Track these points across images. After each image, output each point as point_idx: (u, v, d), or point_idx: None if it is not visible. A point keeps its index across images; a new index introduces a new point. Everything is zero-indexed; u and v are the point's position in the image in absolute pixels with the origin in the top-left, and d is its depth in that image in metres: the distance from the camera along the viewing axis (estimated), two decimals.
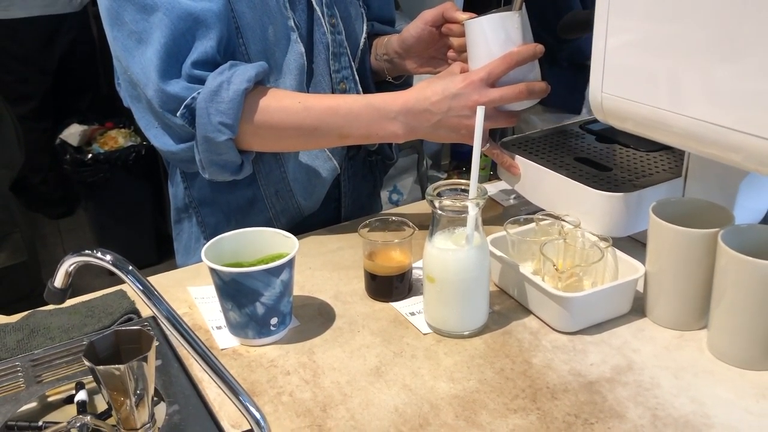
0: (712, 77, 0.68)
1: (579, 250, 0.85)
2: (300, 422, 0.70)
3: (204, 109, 0.88)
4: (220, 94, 0.88)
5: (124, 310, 0.84)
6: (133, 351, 0.56)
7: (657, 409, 0.69)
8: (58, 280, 0.54)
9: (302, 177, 1.04)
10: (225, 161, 0.93)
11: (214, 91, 0.88)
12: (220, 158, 0.92)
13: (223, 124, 0.88)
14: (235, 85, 0.88)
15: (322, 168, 1.04)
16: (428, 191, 0.80)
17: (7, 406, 0.70)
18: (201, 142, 0.90)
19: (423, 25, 1.03)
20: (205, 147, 0.91)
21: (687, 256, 0.77)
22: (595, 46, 0.78)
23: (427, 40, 1.04)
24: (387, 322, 0.85)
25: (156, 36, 0.87)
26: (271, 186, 1.04)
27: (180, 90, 0.89)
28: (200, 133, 0.89)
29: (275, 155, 1.02)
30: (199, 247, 1.06)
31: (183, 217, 1.10)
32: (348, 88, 1.05)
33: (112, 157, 2.72)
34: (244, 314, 0.78)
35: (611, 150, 1.01)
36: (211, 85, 0.88)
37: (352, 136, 0.94)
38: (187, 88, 0.89)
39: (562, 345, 0.79)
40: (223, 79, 0.88)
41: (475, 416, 0.69)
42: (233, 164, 0.94)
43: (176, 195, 1.10)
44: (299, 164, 1.03)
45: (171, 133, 0.94)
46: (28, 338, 0.81)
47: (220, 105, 0.88)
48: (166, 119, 0.91)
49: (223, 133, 0.89)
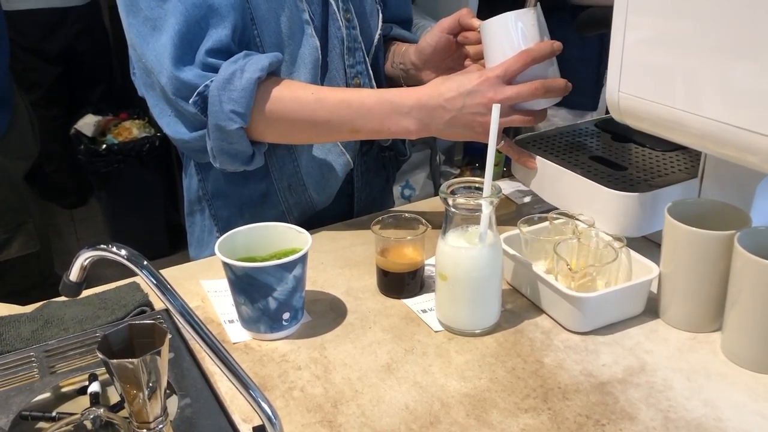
0: (730, 78, 0.67)
1: (593, 250, 0.84)
2: (311, 417, 0.70)
3: (216, 97, 0.88)
4: (232, 83, 0.88)
5: (138, 302, 0.85)
6: (147, 345, 0.56)
7: (669, 411, 0.69)
8: (73, 274, 0.54)
9: (315, 171, 1.04)
10: (236, 151, 0.93)
11: (227, 79, 0.88)
12: (231, 147, 0.92)
13: (234, 112, 0.88)
14: (248, 74, 0.88)
15: (336, 163, 1.04)
16: (442, 189, 0.79)
17: (21, 395, 0.70)
18: (212, 130, 0.90)
19: (440, 34, 1.02)
20: (216, 135, 0.90)
21: (702, 257, 0.76)
22: (612, 46, 0.78)
23: (444, 49, 1.03)
24: (398, 319, 0.85)
25: (170, 23, 0.87)
26: (284, 180, 1.04)
27: (193, 77, 0.89)
28: (212, 121, 0.89)
29: (288, 149, 1.02)
30: (212, 240, 1.07)
31: (196, 210, 1.11)
32: (362, 83, 1.05)
33: (125, 147, 2.73)
34: (256, 309, 0.79)
35: (627, 149, 1.00)
36: (224, 73, 0.88)
37: (364, 130, 0.93)
38: (201, 75, 0.89)
39: (574, 345, 0.79)
40: (237, 67, 0.88)
41: (485, 415, 0.69)
42: (244, 154, 0.94)
43: (190, 187, 1.10)
44: (312, 158, 1.03)
45: (184, 121, 0.94)
46: (42, 329, 0.81)
47: (232, 93, 0.87)
48: (179, 107, 0.91)
49: (235, 121, 0.89)
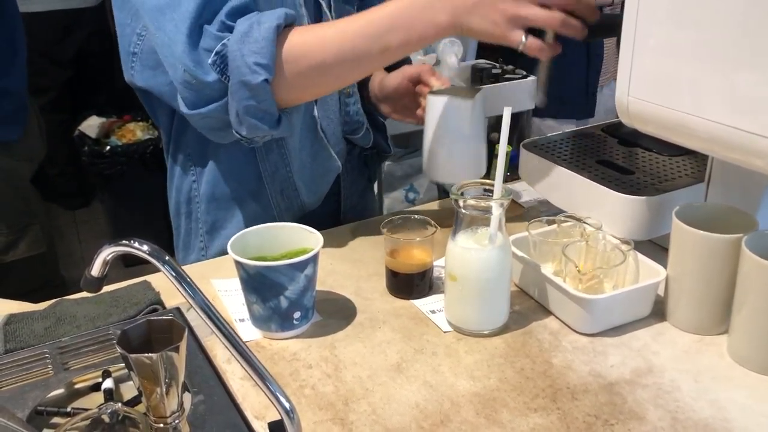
0: (737, 82, 0.68)
1: (600, 253, 0.85)
2: (322, 415, 0.70)
3: (237, 52, 0.83)
4: (251, 35, 0.83)
5: (149, 300, 0.86)
6: (164, 340, 0.57)
7: (677, 412, 0.70)
8: (95, 269, 0.55)
9: (307, 176, 1.05)
10: (263, 111, 0.86)
11: (245, 32, 0.83)
12: (258, 107, 0.86)
13: (258, 64, 0.83)
14: (266, 24, 0.83)
15: (326, 167, 1.06)
16: (453, 190, 0.80)
17: (36, 391, 0.71)
18: (236, 90, 0.85)
19: (401, 79, 1.07)
20: (240, 94, 0.85)
21: (710, 260, 0.77)
22: (622, 51, 0.79)
23: (403, 92, 1.08)
24: (407, 319, 0.85)
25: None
26: (276, 184, 1.04)
27: (210, 41, 0.84)
28: (235, 79, 0.84)
29: (281, 155, 1.02)
30: (196, 244, 1.07)
31: (182, 212, 1.09)
32: (352, 92, 1.08)
33: (129, 149, 2.74)
34: (267, 307, 0.79)
35: (633, 153, 1.01)
36: (240, 28, 0.84)
37: (394, 43, 0.85)
38: (216, 37, 0.84)
39: (582, 346, 0.80)
40: (253, 20, 0.84)
41: (495, 414, 0.70)
42: (271, 116, 0.88)
43: (180, 187, 1.07)
44: (304, 164, 1.04)
45: (199, 95, 0.88)
46: (55, 326, 0.82)
47: (253, 45, 0.82)
48: (196, 78, 0.85)
49: (259, 73, 0.83)
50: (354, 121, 1.10)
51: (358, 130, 1.12)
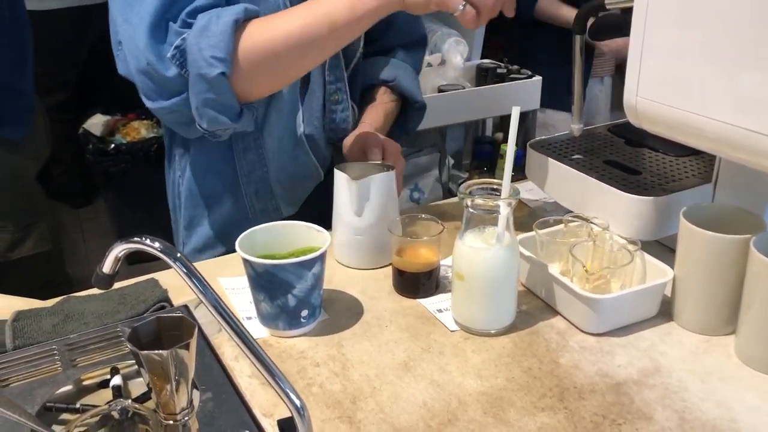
0: (745, 82, 0.68)
1: (608, 253, 0.85)
2: (330, 413, 0.71)
3: (194, 45, 0.84)
4: (209, 29, 0.84)
5: (157, 298, 0.86)
6: (174, 338, 0.57)
7: (684, 412, 0.70)
8: (106, 266, 0.55)
9: (285, 179, 1.04)
10: (222, 104, 0.87)
11: (204, 26, 0.85)
12: (217, 99, 0.86)
13: (214, 57, 0.84)
14: (224, 18, 0.85)
15: (306, 172, 1.05)
16: (461, 189, 0.80)
17: (45, 388, 0.71)
18: (195, 83, 0.86)
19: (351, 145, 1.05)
20: (199, 87, 0.86)
21: (717, 261, 0.77)
22: (631, 51, 0.79)
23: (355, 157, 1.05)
24: (414, 318, 0.86)
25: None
26: (251, 185, 1.04)
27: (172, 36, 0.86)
28: (193, 72, 0.85)
29: (259, 154, 1.02)
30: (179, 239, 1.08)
31: (177, 205, 1.11)
32: (340, 99, 1.07)
33: (133, 148, 2.75)
34: (275, 305, 0.80)
35: (640, 154, 1.01)
36: (200, 22, 0.85)
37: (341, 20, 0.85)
38: (177, 32, 0.86)
39: (589, 346, 0.80)
40: (212, 14, 0.85)
41: (503, 413, 0.70)
42: (231, 109, 0.88)
43: (174, 182, 1.10)
44: (282, 167, 1.04)
45: (161, 89, 0.89)
46: (63, 323, 0.82)
47: (210, 39, 0.84)
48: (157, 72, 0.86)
49: (216, 66, 0.84)
50: (340, 129, 1.09)
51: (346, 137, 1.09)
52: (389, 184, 0.94)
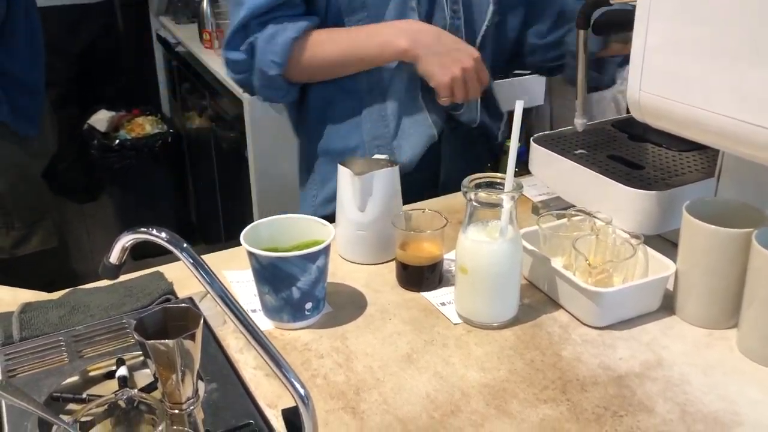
0: (748, 77, 0.68)
1: (610, 246, 0.85)
2: (334, 404, 0.71)
3: (261, 48, 1.10)
4: (275, 38, 1.09)
5: (162, 290, 0.87)
6: (180, 328, 0.57)
7: (686, 404, 0.70)
8: (113, 256, 0.56)
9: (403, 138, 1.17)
10: (274, 89, 1.15)
11: (272, 35, 1.09)
12: (270, 86, 1.14)
13: (274, 62, 1.10)
14: (287, 34, 1.09)
15: (422, 132, 1.16)
16: (464, 183, 0.81)
17: (51, 378, 0.72)
18: (256, 72, 1.12)
19: None
20: (258, 76, 1.13)
21: (720, 255, 0.77)
22: (634, 46, 0.79)
23: None
24: (418, 311, 0.86)
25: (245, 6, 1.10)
26: (374, 141, 1.17)
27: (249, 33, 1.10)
28: (257, 66, 1.12)
29: (383, 119, 1.16)
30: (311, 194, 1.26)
31: (303, 168, 1.28)
32: None
33: (138, 143, 2.76)
34: (280, 298, 0.80)
35: (643, 149, 1.01)
36: (269, 30, 1.10)
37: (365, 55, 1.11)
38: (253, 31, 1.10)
39: (592, 339, 0.80)
40: (279, 27, 1.09)
41: (505, 405, 0.71)
42: (281, 91, 1.15)
43: (302, 146, 1.28)
44: (402, 128, 1.16)
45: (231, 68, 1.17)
46: (70, 315, 0.83)
47: (274, 47, 1.09)
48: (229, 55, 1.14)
49: (273, 69, 1.10)
50: None
51: (459, 107, 1.18)
52: (393, 179, 0.94)
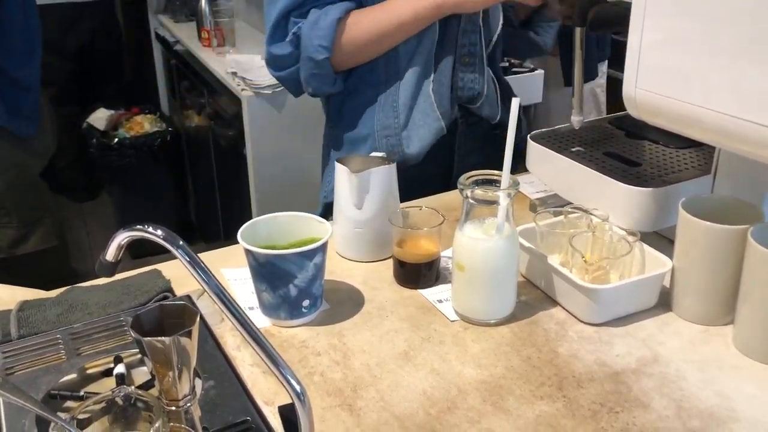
0: (744, 75, 0.68)
1: (607, 243, 0.86)
2: (331, 401, 0.71)
3: (307, 35, 1.10)
4: (318, 23, 1.10)
5: (160, 288, 0.87)
6: (177, 325, 0.57)
7: (682, 400, 0.71)
8: (110, 254, 0.56)
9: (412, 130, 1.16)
10: (323, 76, 1.14)
11: (314, 21, 1.10)
12: (319, 74, 1.13)
13: (321, 45, 1.10)
14: (330, 16, 1.09)
15: (431, 125, 1.16)
16: (461, 180, 0.81)
17: (49, 376, 0.72)
18: (305, 62, 1.12)
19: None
20: (307, 65, 1.13)
21: (716, 252, 0.78)
22: (630, 44, 0.79)
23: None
24: (415, 309, 0.86)
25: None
26: (383, 131, 1.17)
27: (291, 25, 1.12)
28: (304, 54, 1.12)
29: (393, 107, 1.16)
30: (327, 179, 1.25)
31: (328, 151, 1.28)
32: (471, 62, 1.17)
33: (137, 142, 2.76)
34: (277, 296, 0.80)
35: (640, 146, 1.01)
36: (311, 17, 1.11)
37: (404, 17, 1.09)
38: (295, 22, 1.12)
39: (588, 336, 0.81)
40: (321, 12, 1.10)
41: (502, 401, 0.71)
42: (329, 79, 1.15)
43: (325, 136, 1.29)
44: (412, 120, 1.16)
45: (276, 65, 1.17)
46: (68, 312, 0.83)
47: (318, 32, 1.09)
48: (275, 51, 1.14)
49: (321, 52, 1.10)
50: (468, 88, 1.19)
51: (475, 100, 1.19)
52: (390, 176, 0.94)
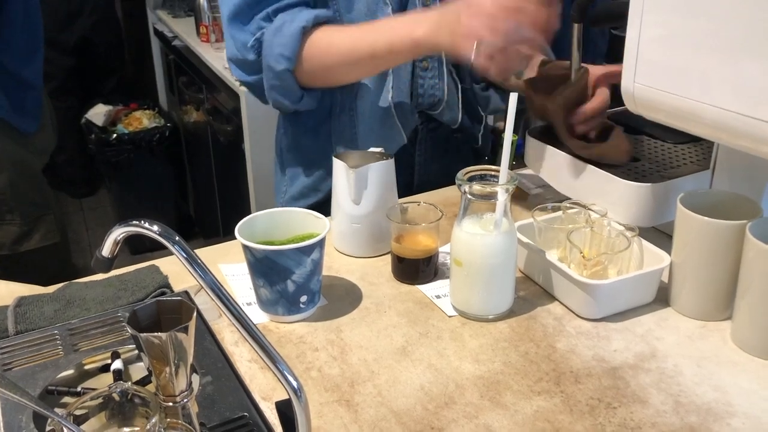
0: (743, 70, 0.68)
1: (605, 239, 0.86)
2: (329, 396, 0.71)
3: (269, 42, 1.01)
4: (282, 30, 1.00)
5: (157, 284, 0.87)
6: (174, 321, 0.57)
7: (680, 396, 0.71)
8: (106, 249, 0.56)
9: (372, 141, 1.09)
10: (285, 89, 1.04)
11: (278, 27, 1.01)
12: (281, 86, 1.04)
13: (282, 55, 1.00)
14: (295, 23, 1.00)
15: (391, 135, 1.11)
16: (459, 176, 0.81)
17: (46, 371, 0.72)
18: (266, 71, 1.03)
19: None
20: (268, 75, 1.03)
21: (714, 247, 0.78)
22: (628, 39, 0.79)
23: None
24: (413, 304, 0.86)
25: None
26: (341, 143, 1.13)
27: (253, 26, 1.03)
28: (264, 62, 1.03)
29: (350, 117, 1.11)
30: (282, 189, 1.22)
31: (277, 162, 1.23)
32: (430, 66, 1.11)
33: (136, 137, 2.75)
34: (275, 291, 0.80)
35: (639, 141, 1.01)
36: (276, 23, 1.01)
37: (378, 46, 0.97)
38: (259, 26, 1.03)
39: (586, 331, 0.80)
40: (287, 17, 1.01)
41: (499, 397, 0.71)
42: (293, 94, 1.05)
43: (278, 140, 1.22)
44: (371, 130, 1.11)
45: (245, 69, 1.07)
46: (65, 308, 0.83)
47: (281, 39, 1.00)
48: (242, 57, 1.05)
49: (282, 63, 1.01)
50: (428, 95, 1.13)
51: (436, 106, 1.14)
52: (388, 172, 0.94)
